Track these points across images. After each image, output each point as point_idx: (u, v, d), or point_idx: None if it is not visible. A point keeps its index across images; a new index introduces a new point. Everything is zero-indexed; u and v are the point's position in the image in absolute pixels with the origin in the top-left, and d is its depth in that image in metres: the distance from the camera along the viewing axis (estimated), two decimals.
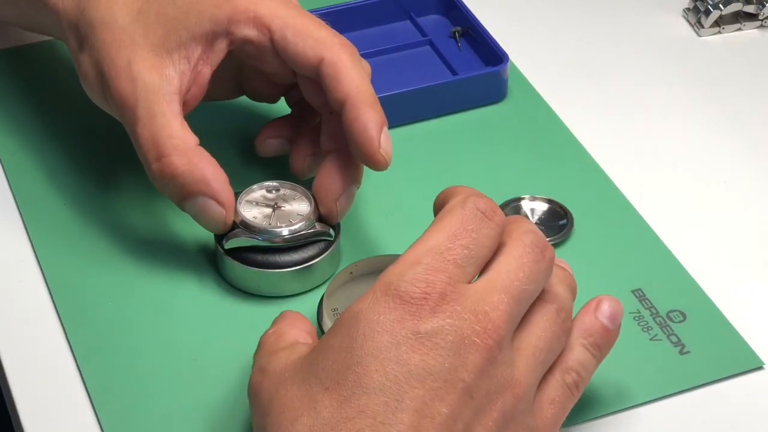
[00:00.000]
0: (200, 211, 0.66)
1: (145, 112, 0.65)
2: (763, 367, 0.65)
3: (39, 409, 0.62)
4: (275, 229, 0.66)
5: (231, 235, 0.66)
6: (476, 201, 0.56)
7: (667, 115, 0.80)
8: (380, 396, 0.52)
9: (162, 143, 0.65)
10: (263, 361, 0.57)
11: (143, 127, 0.65)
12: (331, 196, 0.67)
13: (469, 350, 0.53)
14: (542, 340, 0.56)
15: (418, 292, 0.53)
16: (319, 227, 0.67)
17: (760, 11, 0.86)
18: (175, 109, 0.66)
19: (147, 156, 0.66)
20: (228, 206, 0.66)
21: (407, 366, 0.52)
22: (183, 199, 0.66)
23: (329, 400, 0.52)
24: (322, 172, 0.68)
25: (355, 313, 0.54)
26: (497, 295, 0.55)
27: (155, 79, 0.66)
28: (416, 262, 0.54)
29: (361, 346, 0.53)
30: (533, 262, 0.56)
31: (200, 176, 0.65)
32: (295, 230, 0.66)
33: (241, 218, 0.67)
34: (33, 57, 0.82)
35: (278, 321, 0.60)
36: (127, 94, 0.66)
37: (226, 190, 0.66)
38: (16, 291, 0.68)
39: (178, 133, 0.65)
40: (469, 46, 0.82)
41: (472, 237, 0.55)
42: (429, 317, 0.53)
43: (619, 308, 0.59)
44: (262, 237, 0.66)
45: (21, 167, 0.74)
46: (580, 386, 0.58)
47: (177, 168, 0.65)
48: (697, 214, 0.73)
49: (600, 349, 0.59)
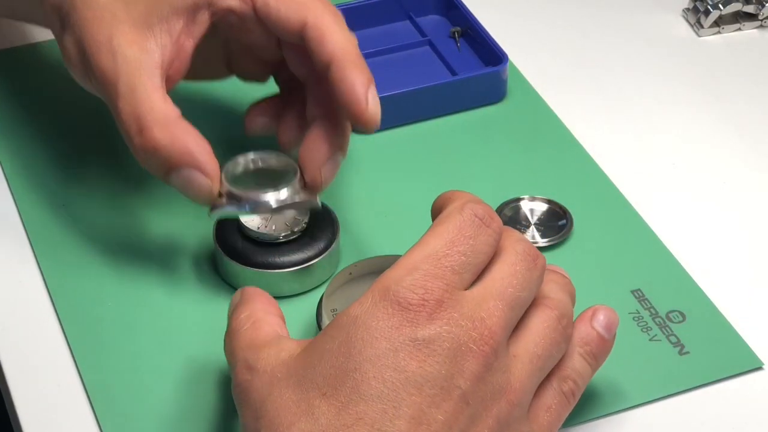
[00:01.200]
0: (186, 183, 0.64)
1: (125, 87, 0.65)
2: (762, 367, 0.65)
3: (38, 409, 0.62)
4: (261, 199, 0.65)
5: (218, 205, 0.65)
6: (474, 207, 0.56)
7: (666, 115, 0.80)
8: (378, 403, 0.52)
9: (143, 117, 0.64)
10: (249, 357, 0.56)
11: (124, 102, 0.64)
12: (315, 163, 0.66)
13: (466, 357, 0.53)
14: (540, 346, 0.56)
15: (416, 298, 0.53)
16: (305, 196, 0.66)
17: (759, 11, 0.86)
18: (156, 82, 0.65)
19: (129, 130, 0.64)
20: (213, 176, 0.64)
21: (405, 373, 0.52)
22: (167, 173, 0.65)
23: (327, 406, 0.52)
24: (307, 140, 0.67)
25: (353, 318, 0.54)
26: (493, 301, 0.55)
27: (136, 53, 0.65)
28: (414, 268, 0.54)
29: (360, 352, 0.53)
30: (526, 270, 0.56)
31: (183, 148, 0.64)
32: (282, 200, 0.65)
33: (227, 189, 0.65)
34: (33, 57, 0.82)
35: (246, 302, 0.59)
36: (108, 68, 0.65)
37: (210, 160, 0.64)
38: (16, 291, 0.68)
39: (159, 106, 0.64)
40: (468, 46, 0.82)
41: (469, 244, 0.55)
42: (426, 324, 0.53)
43: (614, 318, 0.60)
44: (249, 207, 0.65)
45: (21, 167, 0.74)
46: (576, 394, 0.58)
47: (159, 141, 0.64)
48: (697, 214, 0.73)
49: (596, 358, 0.59)
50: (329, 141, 0.66)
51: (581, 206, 0.72)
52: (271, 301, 0.60)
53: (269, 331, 0.57)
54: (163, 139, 0.64)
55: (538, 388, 0.57)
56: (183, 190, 0.65)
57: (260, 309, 0.59)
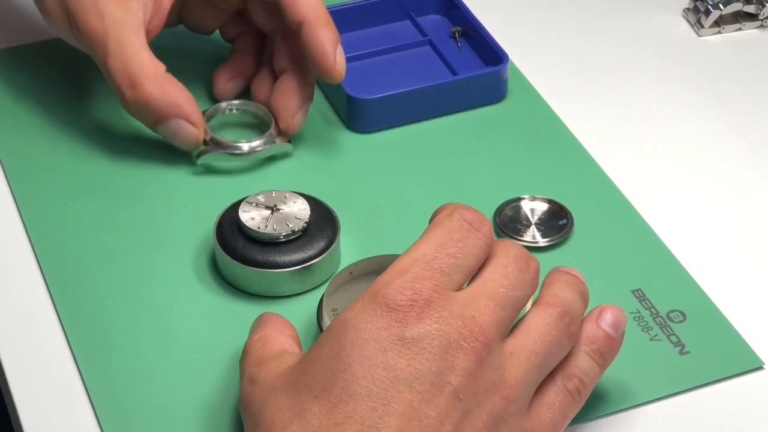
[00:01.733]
0: (174, 132, 0.72)
1: (115, 45, 0.70)
2: (763, 367, 0.65)
3: (38, 409, 0.62)
4: (241, 145, 0.73)
5: (203, 152, 0.73)
6: (463, 213, 0.57)
7: (666, 115, 0.80)
8: (368, 401, 0.52)
9: (134, 72, 0.70)
10: (253, 371, 0.57)
11: (115, 59, 0.70)
12: (289, 112, 0.74)
13: (456, 354, 0.54)
14: (539, 344, 0.56)
15: (404, 299, 0.54)
16: (279, 141, 0.74)
17: (760, 11, 0.86)
18: (142, 39, 0.71)
19: (120, 85, 0.71)
20: (200, 125, 0.72)
21: (394, 371, 0.53)
22: (157, 123, 0.72)
23: (318, 407, 0.53)
24: (279, 91, 0.74)
25: (343, 322, 0.54)
26: (483, 300, 0.55)
27: (121, 13, 0.71)
28: (403, 271, 0.55)
29: (349, 353, 0.53)
30: (518, 271, 0.57)
31: (173, 101, 0.71)
32: (258, 146, 0.73)
33: (210, 136, 0.73)
34: (33, 57, 0.82)
35: (262, 325, 0.61)
36: (96, 28, 0.70)
37: (196, 111, 0.72)
38: (16, 291, 0.68)
39: (148, 62, 0.71)
40: (469, 46, 0.82)
41: (458, 246, 0.56)
42: (415, 323, 0.54)
43: (622, 316, 0.60)
44: (230, 151, 0.73)
45: (21, 167, 0.74)
46: (583, 393, 0.58)
47: (150, 95, 0.70)
48: (697, 214, 0.73)
49: (603, 357, 0.59)
50: (300, 92, 0.74)
51: (581, 206, 0.72)
52: (285, 323, 0.61)
53: (276, 348, 0.58)
54: (154, 93, 0.70)
55: (541, 386, 0.57)
56: (171, 138, 0.72)
57: (272, 330, 0.60)
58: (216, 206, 0.70)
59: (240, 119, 0.77)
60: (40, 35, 0.83)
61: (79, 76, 0.80)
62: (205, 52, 0.81)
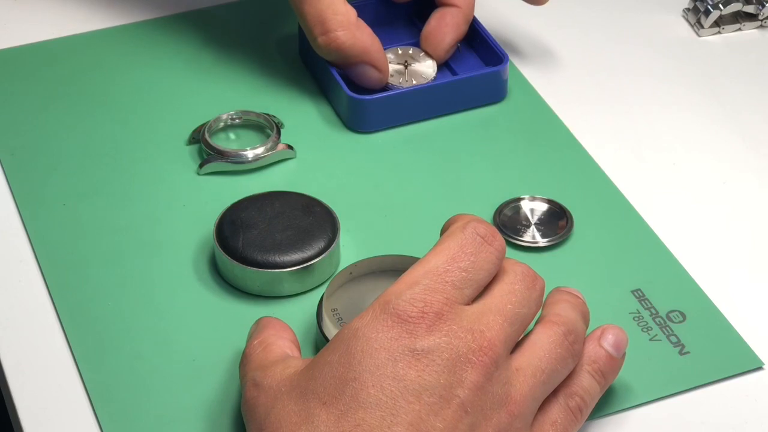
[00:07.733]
0: (361, 74, 0.76)
1: None
2: (763, 367, 0.65)
3: (38, 409, 0.62)
4: (243, 153, 0.74)
5: (206, 161, 0.73)
6: (476, 226, 0.57)
7: (666, 115, 0.80)
8: (376, 410, 0.52)
9: (328, 19, 0.74)
10: (256, 376, 0.57)
11: (310, 5, 0.74)
12: (443, 45, 0.78)
13: (465, 367, 0.54)
14: (545, 361, 0.57)
15: (415, 311, 0.54)
16: (281, 148, 0.74)
17: (760, 11, 0.86)
18: None
19: (313, 30, 0.74)
20: (384, 71, 0.76)
21: (403, 381, 0.53)
22: (345, 66, 0.75)
23: (326, 414, 0.53)
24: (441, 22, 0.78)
25: (353, 330, 0.55)
26: (492, 316, 0.56)
27: None
28: (415, 283, 0.55)
29: (359, 362, 0.53)
30: (525, 289, 0.57)
31: (361, 48, 0.74)
32: (258, 154, 0.74)
33: (212, 145, 0.74)
34: (33, 57, 0.82)
35: (260, 330, 0.61)
36: None
37: (382, 57, 0.76)
38: (16, 291, 0.68)
39: (342, 9, 0.74)
40: (469, 46, 0.82)
41: (470, 260, 0.56)
42: (425, 335, 0.54)
43: (623, 337, 0.60)
44: (232, 160, 0.73)
45: (21, 167, 0.74)
46: (584, 411, 0.58)
47: (343, 42, 0.74)
48: (697, 214, 0.73)
49: (604, 377, 0.59)
50: (459, 28, 0.78)
51: (581, 206, 0.72)
52: (284, 327, 0.61)
53: (278, 352, 0.59)
54: (346, 41, 0.74)
55: (544, 403, 0.57)
56: (357, 80, 0.76)
57: (272, 335, 0.60)
58: (216, 206, 0.70)
59: (242, 127, 0.76)
60: (40, 35, 0.83)
61: (80, 76, 0.80)
62: None
